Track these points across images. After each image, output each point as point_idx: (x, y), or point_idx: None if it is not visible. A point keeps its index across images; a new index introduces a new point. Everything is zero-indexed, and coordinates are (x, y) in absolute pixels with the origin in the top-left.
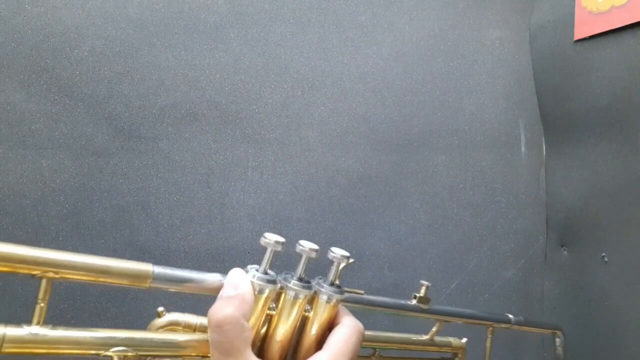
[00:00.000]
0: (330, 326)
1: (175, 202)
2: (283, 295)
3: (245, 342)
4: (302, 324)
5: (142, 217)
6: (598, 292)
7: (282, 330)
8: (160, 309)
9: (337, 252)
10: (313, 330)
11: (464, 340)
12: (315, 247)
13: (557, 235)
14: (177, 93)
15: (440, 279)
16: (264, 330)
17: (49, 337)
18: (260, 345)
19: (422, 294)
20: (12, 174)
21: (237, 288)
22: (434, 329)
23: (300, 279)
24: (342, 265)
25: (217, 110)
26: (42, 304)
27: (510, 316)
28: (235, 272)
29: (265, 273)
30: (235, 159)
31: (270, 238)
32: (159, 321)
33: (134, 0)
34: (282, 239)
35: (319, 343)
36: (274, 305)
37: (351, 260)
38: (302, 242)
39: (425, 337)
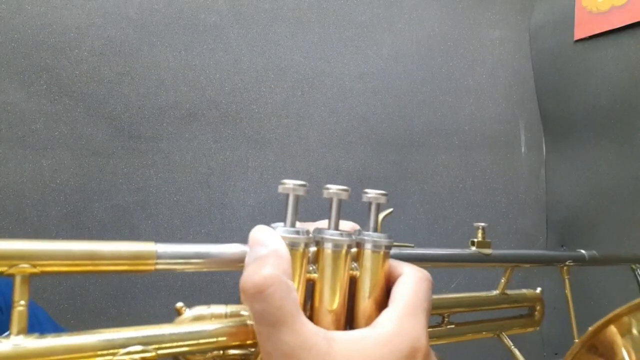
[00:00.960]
0: (387, 283)
1: (175, 202)
2: (321, 251)
3: (295, 304)
4: (353, 287)
5: (142, 217)
6: (597, 293)
7: (331, 295)
8: (180, 304)
9: (372, 192)
10: (367, 290)
11: (539, 290)
12: (345, 187)
13: (557, 235)
14: (177, 93)
15: (440, 279)
16: (309, 303)
17: (37, 348)
18: (310, 319)
19: (480, 238)
20: (12, 174)
21: (268, 245)
22: (503, 280)
23: (336, 228)
24: (382, 207)
25: (217, 110)
26: (20, 307)
27: (583, 252)
28: (260, 229)
29: (294, 226)
30: (235, 159)
31: (289, 182)
32: (182, 319)
33: (134, 0)
34: (303, 182)
35: (380, 305)
36: (314, 267)
37: (390, 210)
38: (328, 185)
39: (495, 293)
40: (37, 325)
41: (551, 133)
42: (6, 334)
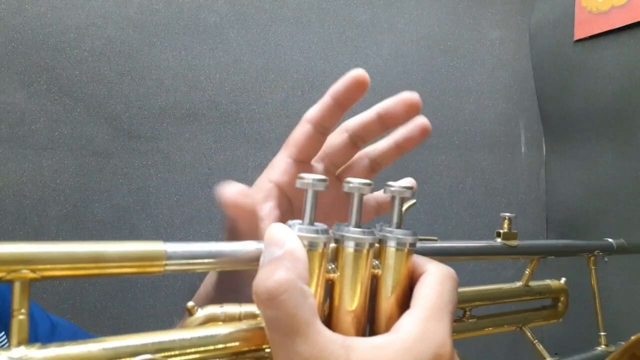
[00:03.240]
0: (411, 282)
1: (175, 202)
2: (341, 249)
3: (311, 311)
4: (374, 287)
5: (142, 217)
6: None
7: (351, 296)
8: (191, 304)
9: (396, 185)
10: (389, 289)
11: (563, 280)
12: (367, 180)
13: (557, 235)
14: (177, 93)
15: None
16: (327, 303)
17: (39, 359)
18: (328, 321)
19: (506, 229)
20: (12, 174)
21: (283, 245)
22: (527, 271)
23: (358, 225)
24: (405, 200)
25: (217, 110)
26: (21, 316)
27: (611, 240)
28: (276, 227)
29: (312, 224)
30: (235, 159)
31: (308, 177)
32: (193, 319)
33: (134, 0)
34: (322, 176)
35: (402, 305)
36: (333, 266)
37: (413, 202)
38: (349, 179)
39: (519, 284)
40: (31, 325)
41: (551, 133)
42: (5, 345)
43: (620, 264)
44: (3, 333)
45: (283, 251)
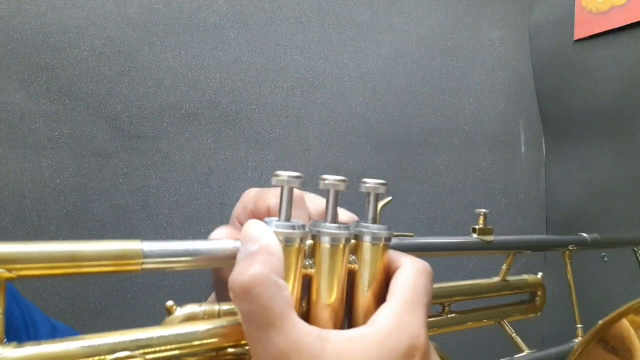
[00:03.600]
0: (387, 276)
1: (175, 202)
2: (318, 245)
3: (286, 304)
4: (351, 281)
5: (142, 217)
6: (598, 292)
7: (329, 291)
8: (170, 303)
9: (370, 182)
10: (365, 284)
11: (540, 275)
12: (342, 177)
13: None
14: (177, 93)
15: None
16: (306, 298)
17: (14, 358)
18: (306, 316)
19: (481, 225)
20: (12, 174)
21: (259, 241)
22: (504, 266)
23: (333, 221)
24: (380, 197)
25: (217, 110)
26: None
27: (586, 235)
28: (252, 224)
29: (288, 220)
30: (235, 159)
31: (283, 174)
32: (172, 318)
33: (134, 0)
34: (297, 173)
35: (379, 299)
36: (311, 262)
37: (389, 199)
38: (325, 176)
39: (497, 280)
40: (32, 329)
41: (551, 133)
42: None
43: (621, 263)
44: None
45: (258, 247)
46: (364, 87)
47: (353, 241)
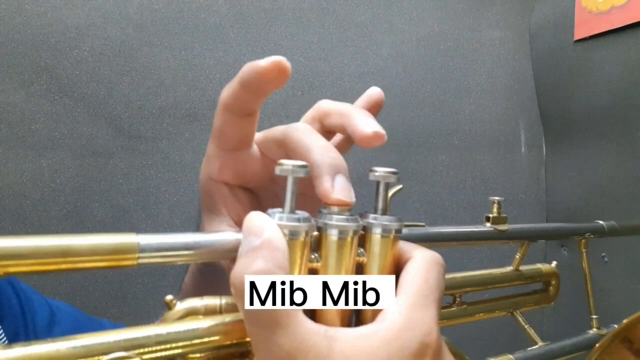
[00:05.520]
0: (396, 269)
1: (176, 202)
2: (324, 238)
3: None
4: (359, 274)
5: (142, 217)
6: (598, 292)
7: None
8: (169, 297)
9: (380, 170)
10: None
11: (554, 264)
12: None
13: None
14: (177, 93)
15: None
16: None
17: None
18: (312, 313)
19: (495, 213)
20: (12, 174)
21: (262, 235)
22: (518, 255)
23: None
24: (390, 185)
25: None
26: None
27: (602, 223)
28: (255, 216)
29: (293, 212)
30: None
31: (288, 163)
32: (172, 313)
33: (134, 0)
34: (302, 162)
35: None
36: (316, 255)
37: (399, 187)
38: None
39: (509, 269)
40: (30, 315)
41: (551, 133)
42: (4, 340)
43: (620, 263)
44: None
45: (261, 241)
46: (364, 87)
47: (361, 232)
